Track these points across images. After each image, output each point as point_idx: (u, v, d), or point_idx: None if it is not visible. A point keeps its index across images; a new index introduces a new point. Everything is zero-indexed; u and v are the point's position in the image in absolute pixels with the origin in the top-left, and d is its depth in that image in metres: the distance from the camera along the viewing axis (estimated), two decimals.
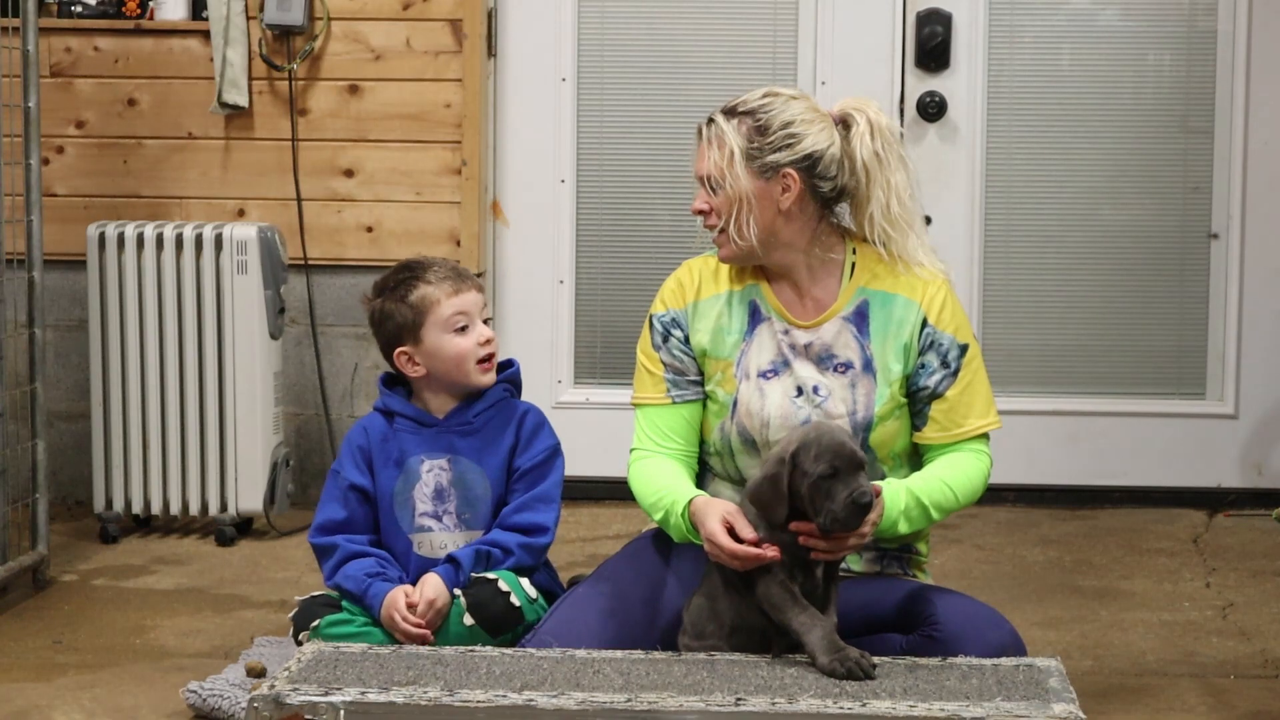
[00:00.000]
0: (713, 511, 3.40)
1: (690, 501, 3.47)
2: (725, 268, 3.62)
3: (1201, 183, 5.68)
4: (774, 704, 3.05)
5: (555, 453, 3.78)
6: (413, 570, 3.70)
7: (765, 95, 3.55)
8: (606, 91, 5.73)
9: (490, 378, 3.76)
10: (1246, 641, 4.35)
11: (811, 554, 3.31)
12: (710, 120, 3.55)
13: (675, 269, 3.70)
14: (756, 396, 3.54)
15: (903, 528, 3.44)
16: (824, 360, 3.55)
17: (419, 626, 3.57)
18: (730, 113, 3.54)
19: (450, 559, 3.65)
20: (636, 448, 3.62)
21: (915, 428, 3.58)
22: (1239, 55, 5.61)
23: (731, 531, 3.35)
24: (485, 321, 3.78)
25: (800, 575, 3.32)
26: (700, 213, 3.57)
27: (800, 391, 3.53)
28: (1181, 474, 5.73)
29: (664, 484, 3.53)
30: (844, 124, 3.56)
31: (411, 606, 3.58)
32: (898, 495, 3.42)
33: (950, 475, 3.50)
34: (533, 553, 3.69)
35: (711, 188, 3.53)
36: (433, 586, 3.60)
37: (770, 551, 3.29)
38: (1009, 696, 3.09)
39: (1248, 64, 5.61)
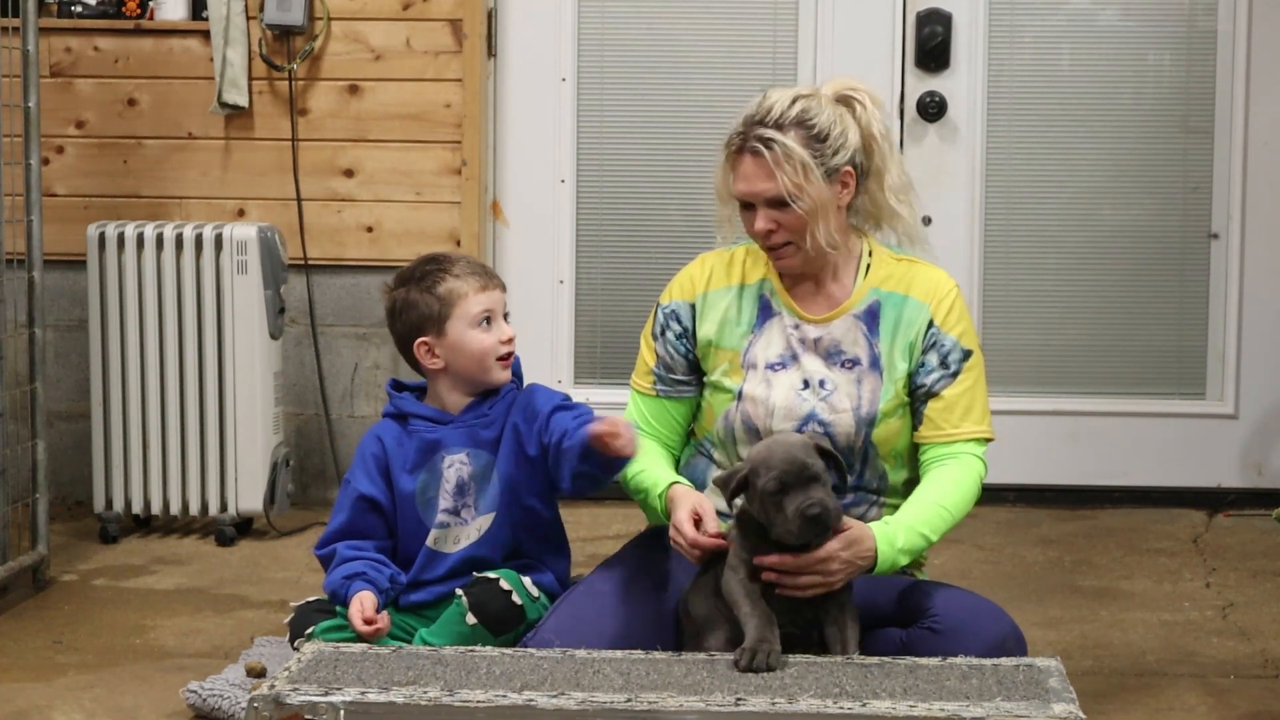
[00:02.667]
0: (685, 501, 3.48)
1: (670, 486, 3.55)
2: (740, 260, 3.64)
3: (1201, 183, 5.68)
4: (774, 704, 3.05)
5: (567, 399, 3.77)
6: (421, 561, 3.70)
7: (796, 100, 3.52)
8: (606, 91, 5.73)
9: (507, 375, 3.76)
10: (1246, 641, 4.35)
11: (776, 588, 3.33)
12: (766, 140, 3.48)
13: (680, 264, 3.72)
14: (763, 386, 3.57)
15: (903, 561, 3.45)
16: (832, 355, 3.57)
17: (371, 624, 3.57)
18: (779, 126, 3.50)
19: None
20: None
21: (913, 427, 3.59)
22: (1239, 55, 5.61)
23: (700, 524, 3.44)
24: (505, 319, 3.78)
25: (785, 617, 3.33)
26: (768, 233, 3.53)
27: (806, 385, 3.56)
28: (1181, 474, 5.73)
29: (645, 462, 3.60)
30: (847, 105, 3.58)
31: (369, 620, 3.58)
32: (895, 535, 3.42)
33: (944, 495, 3.51)
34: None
35: (780, 205, 3.50)
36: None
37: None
38: (1009, 696, 3.09)
39: (1248, 64, 5.61)
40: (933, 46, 5.63)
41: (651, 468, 3.61)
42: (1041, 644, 4.23)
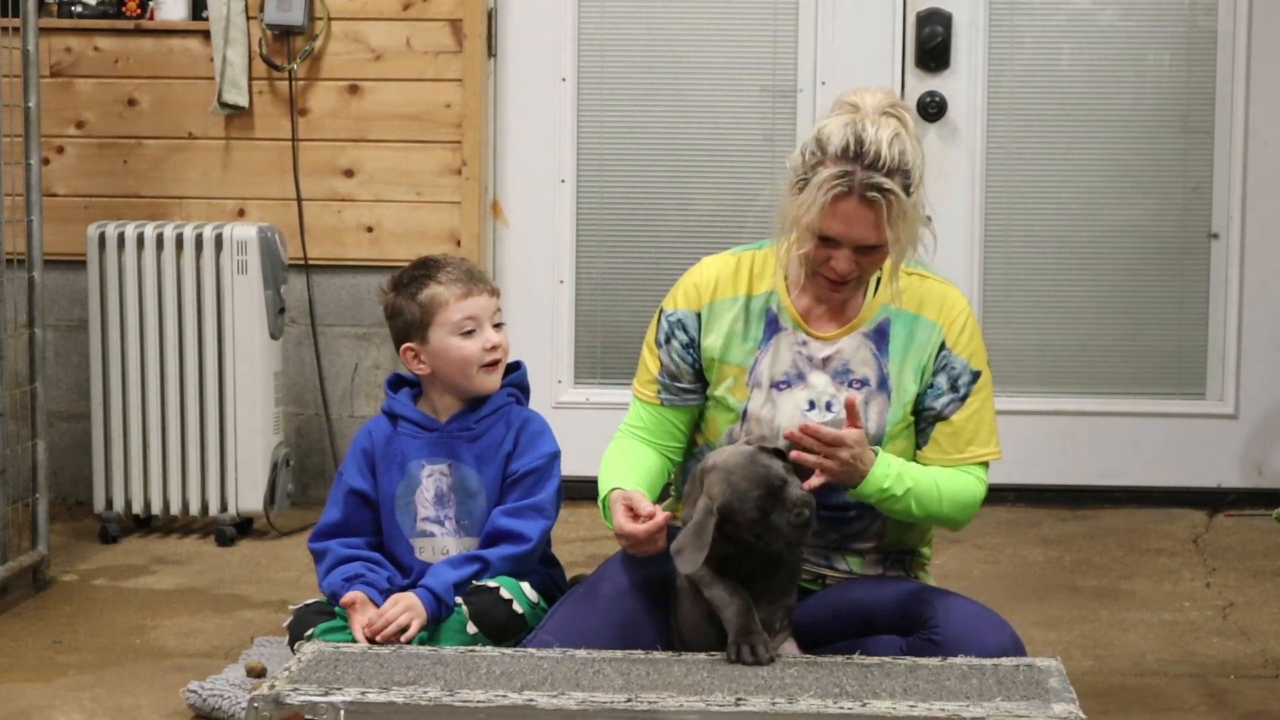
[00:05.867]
0: (617, 505, 3.41)
1: (610, 493, 3.48)
2: (745, 270, 3.58)
3: (1201, 183, 5.68)
4: (774, 704, 3.05)
5: (553, 460, 3.77)
6: (415, 574, 3.70)
7: (895, 139, 3.40)
8: (606, 91, 5.73)
9: (494, 382, 3.74)
10: (1246, 641, 4.35)
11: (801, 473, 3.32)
12: (883, 190, 3.35)
13: (680, 264, 3.69)
14: (768, 407, 3.52)
15: (874, 499, 3.41)
16: (840, 374, 3.52)
17: (378, 633, 3.56)
18: (889, 173, 3.36)
19: (428, 589, 3.61)
20: (622, 427, 3.65)
21: (917, 446, 3.56)
22: (1239, 55, 5.62)
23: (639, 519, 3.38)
24: (497, 326, 3.74)
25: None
26: (846, 272, 3.44)
27: (812, 405, 3.51)
28: (1181, 474, 5.73)
29: (612, 471, 3.54)
30: (900, 123, 3.47)
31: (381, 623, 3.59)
32: (890, 472, 3.39)
33: (944, 480, 3.48)
34: (512, 562, 3.67)
35: (870, 250, 3.42)
36: (407, 610, 3.58)
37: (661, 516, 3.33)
38: (1009, 696, 3.10)
39: (1248, 64, 5.61)
40: (933, 46, 5.63)
41: (611, 478, 3.53)
42: (1041, 644, 4.23)
